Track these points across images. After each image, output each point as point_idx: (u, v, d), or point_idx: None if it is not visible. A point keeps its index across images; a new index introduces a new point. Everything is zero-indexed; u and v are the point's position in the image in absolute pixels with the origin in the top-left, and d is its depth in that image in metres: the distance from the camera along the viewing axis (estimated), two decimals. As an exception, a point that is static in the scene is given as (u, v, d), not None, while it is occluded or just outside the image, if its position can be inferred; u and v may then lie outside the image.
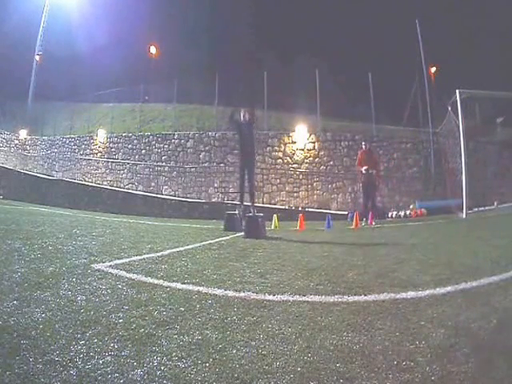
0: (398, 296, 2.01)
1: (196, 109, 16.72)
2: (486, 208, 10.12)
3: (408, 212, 11.07)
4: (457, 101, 8.78)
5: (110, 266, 2.69)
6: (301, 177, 13.59)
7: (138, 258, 3.09)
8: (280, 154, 13.97)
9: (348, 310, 1.81)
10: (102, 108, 19.40)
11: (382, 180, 8.93)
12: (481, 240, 4.23)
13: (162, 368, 1.20)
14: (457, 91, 8.82)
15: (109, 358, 1.24)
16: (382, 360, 1.26)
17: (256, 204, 6.62)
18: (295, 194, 13.49)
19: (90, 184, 16.10)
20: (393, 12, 16.88)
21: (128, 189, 15.50)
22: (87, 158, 17.60)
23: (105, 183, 16.25)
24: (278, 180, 13.69)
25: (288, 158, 13.89)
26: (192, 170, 14.69)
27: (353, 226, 7.60)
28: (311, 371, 1.20)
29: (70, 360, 1.22)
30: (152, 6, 22.74)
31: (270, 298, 2.02)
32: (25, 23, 22.75)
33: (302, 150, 13.82)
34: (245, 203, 6.47)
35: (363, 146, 9.00)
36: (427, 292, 2.07)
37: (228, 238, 5.05)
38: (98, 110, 19.44)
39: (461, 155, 8.66)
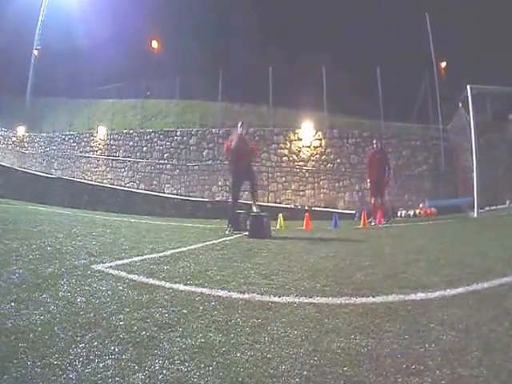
0: (407, 297, 1.98)
1: (199, 105, 16.56)
2: (498, 207, 9.93)
3: (417, 211, 10.93)
4: (468, 97, 8.64)
5: (111, 266, 2.68)
6: (307, 175, 13.52)
7: (140, 258, 3.08)
8: (286, 152, 13.90)
9: (355, 312, 1.78)
10: (103, 104, 19.25)
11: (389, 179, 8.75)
12: (493, 240, 4.16)
13: (164, 372, 1.18)
14: (468, 87, 8.68)
15: (109, 362, 1.23)
16: (391, 363, 1.24)
17: (261, 203, 6.43)
18: (301, 193, 13.42)
19: (90, 182, 16.09)
20: (402, 6, 16.63)
21: (129, 187, 15.54)
22: (87, 155, 17.57)
23: (105, 181, 16.27)
24: (284, 178, 13.63)
25: (294, 155, 13.82)
26: (195, 167, 14.69)
27: (360, 226, 7.54)
28: (317, 375, 1.18)
29: (70, 363, 1.21)
30: (153, -1, 22.47)
31: (276, 299, 1.99)
32: (23, 17, 22.47)
33: (309, 147, 13.73)
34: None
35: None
36: (437, 293, 2.03)
37: (232, 237, 5.03)
38: (98, 106, 19.31)
39: (472, 152, 8.52)
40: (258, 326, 1.60)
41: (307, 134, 13.72)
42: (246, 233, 5.26)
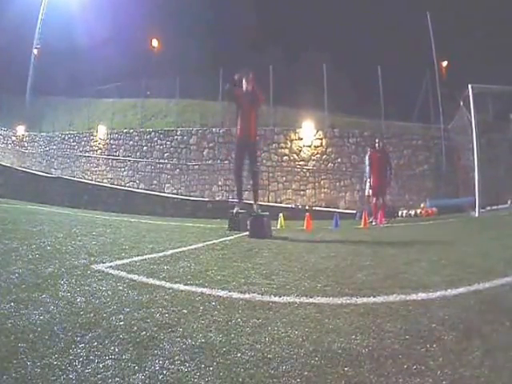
0: (408, 297, 1.97)
1: (199, 104, 16.47)
2: (500, 207, 9.93)
3: (418, 211, 10.93)
4: (469, 96, 8.64)
5: (111, 266, 2.66)
6: (308, 174, 13.52)
7: (140, 258, 3.05)
8: (286, 151, 13.89)
9: (356, 312, 1.77)
10: (103, 103, 19.16)
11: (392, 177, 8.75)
12: (494, 240, 4.16)
13: (164, 372, 1.17)
14: (469, 86, 8.67)
15: (109, 362, 1.22)
16: (392, 364, 1.23)
17: (261, 202, 6.36)
18: (302, 193, 13.42)
19: (90, 182, 16.07)
20: (403, 4, 16.62)
21: (129, 187, 15.53)
22: (87, 155, 17.54)
23: (105, 181, 16.26)
24: (284, 178, 13.63)
25: (294, 154, 13.81)
26: (195, 167, 14.68)
27: (361, 226, 7.53)
28: (318, 375, 1.17)
29: (69, 364, 1.20)
30: (153, -2, 22.39)
31: (276, 299, 1.98)
32: (23, 16, 22.36)
33: (309, 146, 13.72)
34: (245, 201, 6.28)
35: None
36: (438, 293, 2.02)
37: (232, 237, 5.01)
38: (98, 106, 19.15)
39: (473, 152, 8.52)
40: (259, 326, 1.59)
41: (308, 134, 13.71)
42: (247, 233, 5.25)
